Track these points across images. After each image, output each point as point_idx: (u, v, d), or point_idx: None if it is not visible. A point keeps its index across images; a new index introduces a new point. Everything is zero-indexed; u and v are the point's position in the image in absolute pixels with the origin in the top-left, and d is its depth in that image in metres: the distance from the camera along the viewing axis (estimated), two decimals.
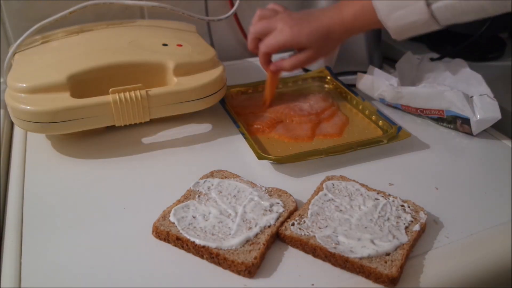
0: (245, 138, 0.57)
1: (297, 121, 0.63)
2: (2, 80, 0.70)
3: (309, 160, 0.54)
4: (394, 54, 0.86)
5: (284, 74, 0.78)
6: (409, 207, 0.46)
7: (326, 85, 0.74)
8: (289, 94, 0.70)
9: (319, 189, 0.49)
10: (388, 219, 0.44)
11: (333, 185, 0.49)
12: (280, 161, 0.53)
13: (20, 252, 0.43)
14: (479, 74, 0.62)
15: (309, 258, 0.42)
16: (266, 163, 0.55)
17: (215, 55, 0.63)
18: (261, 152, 0.54)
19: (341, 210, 0.45)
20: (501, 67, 0.78)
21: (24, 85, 0.53)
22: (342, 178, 0.50)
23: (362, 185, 0.49)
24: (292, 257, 0.42)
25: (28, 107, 0.52)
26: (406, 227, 0.43)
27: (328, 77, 0.74)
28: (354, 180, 0.50)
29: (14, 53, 0.61)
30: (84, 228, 0.45)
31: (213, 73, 0.60)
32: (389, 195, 0.47)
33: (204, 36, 0.77)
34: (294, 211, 0.46)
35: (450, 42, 0.81)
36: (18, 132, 0.62)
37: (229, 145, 0.59)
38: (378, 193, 0.48)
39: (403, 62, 0.69)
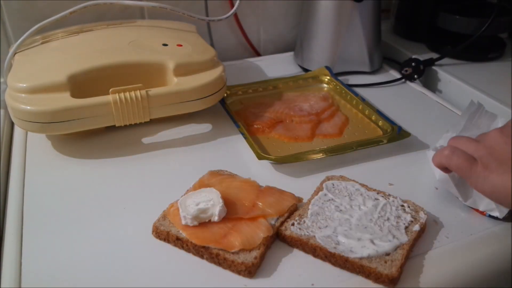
0: (245, 138, 0.57)
1: (297, 121, 0.63)
2: (2, 80, 0.70)
3: (309, 160, 0.54)
4: (394, 54, 0.86)
5: (283, 74, 0.78)
6: (409, 207, 0.46)
7: (326, 85, 0.74)
8: (289, 94, 0.70)
9: (319, 189, 0.49)
10: (388, 219, 0.44)
11: (333, 185, 0.49)
12: (280, 161, 0.53)
13: (20, 252, 0.43)
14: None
15: (309, 258, 0.42)
16: (266, 163, 0.54)
17: (215, 55, 0.63)
18: (261, 152, 0.54)
19: (341, 210, 0.45)
20: (501, 67, 0.78)
21: (24, 85, 0.53)
22: (342, 178, 0.50)
23: (362, 185, 0.49)
24: (292, 257, 0.42)
25: (28, 107, 0.52)
26: (406, 227, 0.43)
27: (328, 77, 0.74)
28: (354, 180, 0.50)
29: (14, 53, 0.61)
30: (84, 228, 0.45)
31: (213, 73, 0.60)
32: (389, 195, 0.47)
33: (204, 36, 0.77)
34: (295, 210, 0.46)
35: (450, 42, 0.81)
36: (18, 132, 0.62)
37: (229, 145, 0.59)
38: (378, 193, 0.48)
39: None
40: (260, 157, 0.53)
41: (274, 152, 0.56)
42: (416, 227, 0.43)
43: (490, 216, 0.46)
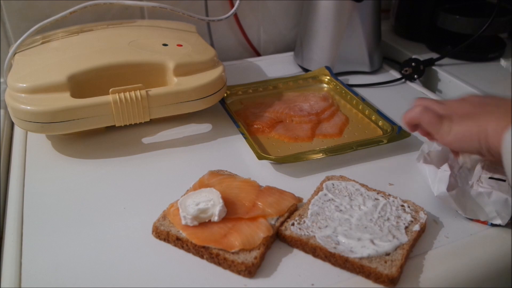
0: (245, 138, 0.57)
1: (297, 121, 0.63)
2: (2, 80, 0.70)
3: (309, 160, 0.54)
4: (394, 54, 0.86)
5: (283, 74, 0.78)
6: (409, 207, 0.46)
7: (326, 85, 0.74)
8: (289, 94, 0.70)
9: (319, 189, 0.49)
10: (388, 219, 0.44)
11: (333, 185, 0.49)
12: (280, 161, 0.53)
13: (20, 252, 0.43)
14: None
15: (309, 258, 0.42)
16: (266, 163, 0.55)
17: (215, 55, 0.63)
18: (261, 152, 0.54)
19: (341, 210, 0.45)
20: (501, 67, 0.78)
21: (24, 85, 0.53)
22: (342, 178, 0.50)
23: (362, 185, 0.49)
24: (292, 257, 0.42)
25: (28, 107, 0.52)
26: (406, 227, 0.43)
27: (328, 77, 0.74)
28: (354, 180, 0.50)
29: (14, 53, 0.61)
30: (84, 228, 0.45)
31: (213, 73, 0.60)
32: (389, 195, 0.47)
33: (204, 36, 0.77)
34: (295, 210, 0.46)
35: (450, 42, 0.81)
36: (18, 132, 0.62)
37: (229, 145, 0.59)
38: (378, 193, 0.48)
39: None
40: (260, 157, 0.53)
41: (274, 152, 0.56)
42: (416, 227, 0.43)
43: (492, 224, 0.45)
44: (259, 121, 0.62)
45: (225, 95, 0.68)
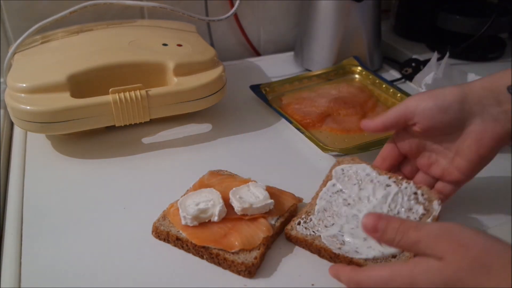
0: (302, 132, 0.58)
1: (344, 113, 0.63)
2: (2, 80, 0.70)
3: (373, 150, 0.53)
4: (394, 54, 0.86)
5: (284, 74, 0.78)
6: (422, 195, 0.43)
7: (357, 76, 0.74)
8: (325, 87, 0.71)
9: (328, 177, 0.47)
10: (398, 212, 0.42)
11: (343, 170, 0.47)
12: (345, 152, 0.54)
13: (20, 252, 0.43)
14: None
15: (310, 257, 0.42)
16: (265, 163, 0.54)
17: (215, 55, 0.63)
18: (323, 145, 0.55)
19: (349, 204, 0.44)
20: (501, 67, 0.78)
21: (24, 85, 0.53)
22: (354, 160, 0.48)
23: (374, 167, 0.46)
24: (292, 257, 0.42)
25: (28, 107, 0.51)
26: None
27: (360, 68, 0.74)
28: (366, 162, 0.47)
29: (14, 53, 0.61)
30: (84, 228, 0.45)
31: (213, 73, 0.60)
32: (402, 179, 0.45)
33: (204, 36, 0.77)
34: (294, 210, 0.46)
35: (450, 42, 0.81)
36: (18, 132, 0.61)
37: (229, 145, 0.59)
38: (389, 178, 0.45)
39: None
40: (324, 150, 0.54)
41: (331, 145, 0.57)
42: (428, 222, 0.41)
43: None
44: (307, 116, 0.62)
45: (265, 92, 0.68)
